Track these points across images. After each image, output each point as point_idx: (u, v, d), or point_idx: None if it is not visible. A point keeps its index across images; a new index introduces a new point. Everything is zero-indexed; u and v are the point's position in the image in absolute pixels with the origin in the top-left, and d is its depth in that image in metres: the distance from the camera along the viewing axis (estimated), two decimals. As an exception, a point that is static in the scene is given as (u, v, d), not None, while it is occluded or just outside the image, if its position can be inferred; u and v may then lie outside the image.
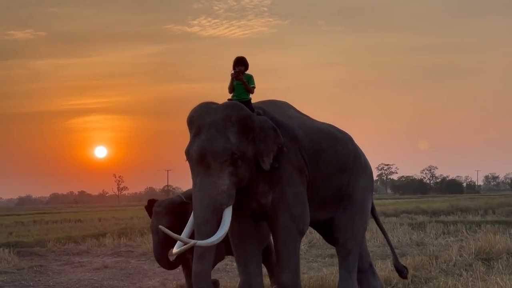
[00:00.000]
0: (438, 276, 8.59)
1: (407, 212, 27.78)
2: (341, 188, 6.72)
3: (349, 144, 6.97)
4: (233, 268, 10.71)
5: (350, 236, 6.81)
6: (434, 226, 17.22)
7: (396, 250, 12.85)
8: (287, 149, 6.05)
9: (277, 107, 6.55)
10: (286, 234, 6.06)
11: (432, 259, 9.75)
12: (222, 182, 5.69)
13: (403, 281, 8.16)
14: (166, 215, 7.20)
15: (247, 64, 6.23)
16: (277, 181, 6.02)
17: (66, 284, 9.80)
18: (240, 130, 5.82)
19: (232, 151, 5.70)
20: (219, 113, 5.85)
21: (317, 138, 6.48)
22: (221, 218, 5.71)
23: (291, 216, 6.04)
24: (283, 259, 6.10)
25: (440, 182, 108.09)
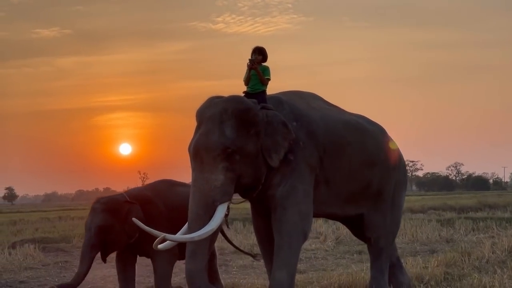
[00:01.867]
0: (471, 273, 8.35)
1: (434, 208, 27.46)
2: (372, 183, 6.49)
3: (381, 136, 6.72)
4: (259, 265, 10.53)
5: (382, 235, 6.67)
6: (463, 223, 16.93)
7: (426, 246, 12.81)
8: (303, 144, 5.88)
9: (300, 98, 6.34)
10: (293, 229, 5.80)
11: (464, 256, 9.51)
12: (216, 178, 5.51)
13: (436, 278, 7.99)
14: (102, 213, 6.72)
15: (265, 55, 6.04)
16: (289, 174, 5.82)
17: (91, 280, 9.66)
18: (238, 124, 5.61)
19: (225, 145, 5.51)
20: (218, 106, 5.69)
21: (342, 131, 6.26)
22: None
23: (300, 212, 5.82)
24: (284, 256, 5.78)
25: (466, 178, 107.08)
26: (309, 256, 11.51)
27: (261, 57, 5.99)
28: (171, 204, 6.89)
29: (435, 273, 8.17)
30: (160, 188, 7.09)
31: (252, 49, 6.02)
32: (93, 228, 6.62)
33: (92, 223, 6.66)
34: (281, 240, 5.79)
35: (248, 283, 8.17)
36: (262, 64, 6.00)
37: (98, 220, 6.64)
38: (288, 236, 5.77)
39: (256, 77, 5.92)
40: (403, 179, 6.97)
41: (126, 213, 6.65)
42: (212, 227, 5.46)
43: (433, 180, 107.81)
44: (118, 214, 6.69)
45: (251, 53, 5.99)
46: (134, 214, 6.54)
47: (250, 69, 5.92)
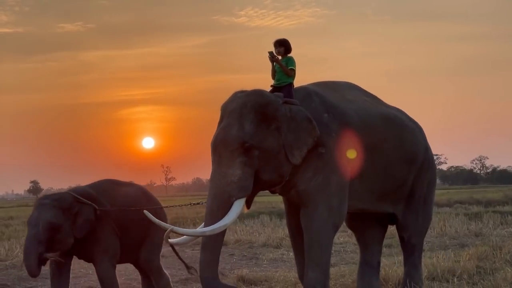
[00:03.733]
0: (503, 266, 8.33)
1: (461, 202, 27.33)
2: (407, 182, 6.41)
3: (419, 134, 6.62)
4: (290, 258, 10.60)
5: (414, 233, 6.67)
6: (491, 217, 16.88)
7: (455, 240, 12.79)
8: (336, 135, 5.73)
9: (333, 89, 6.18)
10: (322, 226, 5.68)
11: (496, 250, 9.49)
12: (233, 173, 5.36)
13: (468, 271, 7.97)
14: (53, 209, 6.33)
15: (288, 46, 5.87)
16: (322, 167, 5.66)
17: (124, 272, 9.77)
18: (258, 118, 5.47)
19: (243, 140, 5.38)
20: (239, 101, 5.59)
21: (379, 126, 6.11)
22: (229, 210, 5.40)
23: (329, 207, 5.68)
24: (314, 255, 5.68)
25: (491, 172, 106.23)
26: (339, 250, 11.54)
27: (283, 49, 5.85)
28: (116, 203, 6.64)
29: (467, 266, 8.17)
30: (105, 188, 6.83)
31: (273, 42, 5.91)
32: (41, 223, 6.24)
33: (40, 218, 6.27)
34: (311, 239, 5.69)
35: (281, 276, 8.21)
36: (287, 55, 5.86)
37: (48, 215, 6.28)
38: (318, 233, 5.67)
39: (280, 69, 5.78)
40: (434, 177, 6.92)
41: (76, 213, 6.40)
42: (225, 222, 5.33)
43: (458, 174, 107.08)
44: (68, 212, 6.38)
45: (273, 47, 5.88)
46: (85, 215, 6.40)
47: (272, 62, 5.82)
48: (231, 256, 11.51)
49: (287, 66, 5.74)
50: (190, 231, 5.63)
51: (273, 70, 5.82)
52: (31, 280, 8.95)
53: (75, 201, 6.44)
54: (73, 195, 6.51)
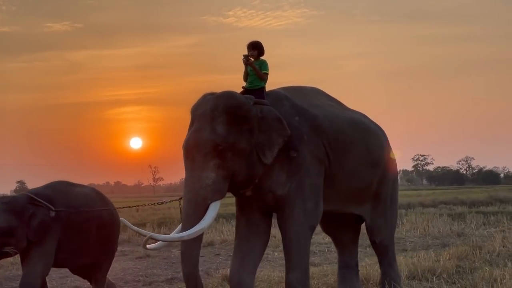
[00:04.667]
0: (482, 266, 8.53)
1: (445, 202, 27.59)
2: (372, 183, 6.47)
3: (382, 137, 6.71)
4: (274, 258, 10.77)
5: (385, 236, 6.78)
6: (474, 217, 17.12)
7: (437, 240, 13.01)
8: (308, 138, 5.75)
9: (303, 94, 6.20)
10: (299, 229, 5.74)
11: (476, 250, 9.70)
12: (207, 176, 5.35)
13: (448, 271, 8.16)
14: (5, 213, 6.05)
15: (261, 49, 5.87)
16: (295, 171, 5.68)
17: (111, 272, 9.77)
18: (229, 120, 5.45)
19: (215, 142, 5.36)
20: (209, 103, 5.55)
21: (347, 129, 6.17)
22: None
23: (305, 210, 5.72)
24: (294, 257, 5.75)
25: (477, 173, 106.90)
26: (323, 250, 11.70)
27: (256, 52, 5.83)
28: (71, 205, 6.42)
29: (447, 266, 8.35)
30: (60, 189, 6.57)
31: (247, 44, 5.87)
32: None
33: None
34: (289, 242, 5.76)
35: (265, 276, 8.35)
36: (259, 58, 5.83)
37: (0, 220, 6.01)
38: (295, 237, 5.73)
39: (253, 72, 5.75)
40: (396, 175, 7.03)
41: (30, 216, 6.13)
42: (202, 226, 5.32)
43: (444, 174, 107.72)
44: (22, 216, 6.10)
45: (247, 49, 5.84)
46: (39, 217, 6.16)
47: (246, 65, 5.76)
48: (217, 256, 11.66)
49: (260, 70, 5.74)
50: (169, 237, 5.58)
51: (246, 72, 5.80)
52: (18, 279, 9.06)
53: (28, 203, 6.19)
54: (27, 196, 6.28)
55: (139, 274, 9.65)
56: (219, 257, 11.47)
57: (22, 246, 6.12)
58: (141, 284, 8.87)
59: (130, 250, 13.03)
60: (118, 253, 12.71)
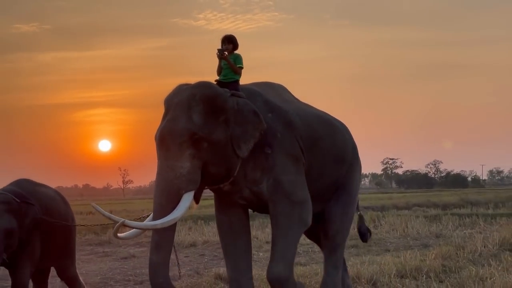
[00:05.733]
0: (467, 265, 8.72)
1: (419, 205, 27.92)
2: (338, 180, 6.32)
3: (346, 133, 6.56)
4: (261, 258, 10.86)
5: (340, 229, 6.41)
6: (449, 219, 17.40)
7: (417, 241, 13.23)
8: (281, 135, 5.62)
9: (273, 90, 6.10)
10: (288, 221, 5.57)
11: (459, 250, 9.90)
12: (181, 165, 5.20)
13: (434, 269, 8.33)
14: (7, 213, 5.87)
15: (236, 43, 5.77)
16: (269, 169, 5.54)
17: (99, 272, 9.97)
18: (207, 110, 5.33)
19: (192, 131, 5.22)
20: (185, 92, 5.41)
21: (315, 126, 6.02)
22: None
23: (291, 202, 5.57)
24: (280, 248, 5.58)
25: (445, 176, 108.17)
26: (307, 250, 11.82)
27: (231, 46, 5.73)
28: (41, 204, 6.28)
29: (434, 265, 8.53)
30: (27, 187, 6.38)
31: (221, 38, 5.78)
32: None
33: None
34: (276, 232, 5.63)
35: (256, 274, 8.41)
36: (234, 52, 5.74)
37: (4, 222, 5.80)
38: (284, 227, 5.58)
39: (228, 66, 5.65)
40: (360, 175, 6.88)
41: (23, 213, 5.99)
42: (175, 215, 5.16)
43: (413, 178, 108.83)
44: (17, 214, 5.94)
45: (221, 43, 5.75)
46: (30, 215, 6.04)
47: (220, 59, 5.68)
48: (202, 256, 11.75)
49: (235, 64, 5.65)
50: (142, 224, 5.38)
51: (220, 66, 5.71)
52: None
53: (22, 202, 6.02)
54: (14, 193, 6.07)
55: (128, 273, 9.72)
56: (205, 257, 11.56)
57: (14, 245, 5.93)
58: (132, 283, 8.95)
59: (113, 251, 13.08)
60: (101, 253, 12.85)
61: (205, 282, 8.14)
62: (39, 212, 6.15)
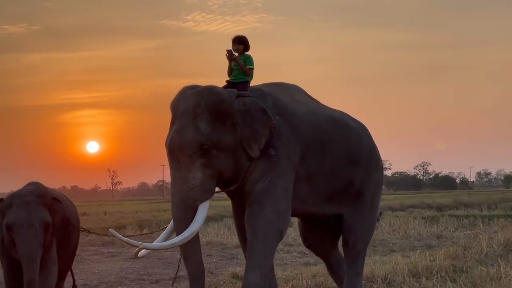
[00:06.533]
0: (475, 265, 8.89)
1: (413, 206, 28.15)
2: (353, 183, 6.24)
3: (364, 135, 6.48)
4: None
5: (360, 237, 6.43)
6: (447, 220, 17.58)
7: (420, 242, 13.41)
8: (286, 139, 5.61)
9: (284, 90, 6.06)
10: (269, 228, 5.45)
11: (466, 250, 10.07)
12: (194, 176, 5.24)
13: (445, 269, 8.47)
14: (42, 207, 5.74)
15: (247, 44, 5.75)
16: (270, 170, 5.51)
17: (111, 271, 10.06)
18: (212, 117, 5.32)
19: (200, 142, 5.22)
20: (190, 100, 5.39)
21: (327, 127, 5.99)
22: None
23: (277, 211, 5.49)
24: (257, 256, 5.44)
25: (434, 178, 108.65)
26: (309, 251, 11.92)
27: (242, 47, 5.71)
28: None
29: (444, 265, 8.69)
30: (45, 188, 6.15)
31: (232, 38, 5.74)
32: (37, 223, 5.63)
33: (34, 217, 5.64)
34: (255, 240, 5.46)
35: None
36: (244, 53, 5.71)
37: (42, 214, 5.69)
38: (263, 235, 5.45)
39: (238, 67, 5.62)
40: (381, 180, 6.77)
41: (54, 211, 5.88)
42: (194, 228, 5.21)
43: (402, 179, 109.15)
44: (50, 211, 5.82)
45: (232, 43, 5.72)
46: (60, 213, 5.98)
47: (229, 60, 5.66)
48: (209, 256, 11.84)
49: (245, 65, 5.62)
50: (161, 245, 5.46)
51: (230, 67, 5.69)
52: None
53: (52, 198, 5.91)
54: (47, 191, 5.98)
55: (140, 273, 9.81)
56: (212, 257, 11.65)
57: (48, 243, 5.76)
58: (147, 282, 9.05)
59: (118, 252, 13.15)
60: (106, 254, 12.92)
61: (222, 281, 8.26)
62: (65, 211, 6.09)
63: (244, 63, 5.63)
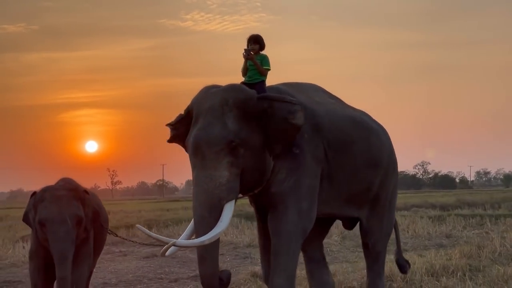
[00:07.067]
0: (491, 264, 8.94)
1: (417, 206, 28.16)
2: (372, 186, 6.20)
3: (384, 137, 6.45)
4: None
5: (379, 239, 6.48)
6: (455, 219, 17.61)
7: (430, 241, 13.44)
8: (308, 137, 5.53)
9: (303, 90, 5.97)
10: (292, 231, 5.41)
11: (481, 249, 10.12)
12: (220, 174, 5.08)
13: (462, 268, 8.50)
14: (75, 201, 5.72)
15: (262, 43, 5.63)
16: (295, 169, 5.42)
17: (127, 270, 10.10)
18: (241, 115, 5.19)
19: (229, 139, 5.08)
20: (217, 97, 5.25)
21: (347, 128, 5.91)
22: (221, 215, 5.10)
23: (300, 211, 5.42)
24: (282, 260, 5.38)
25: (433, 177, 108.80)
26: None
27: (257, 46, 5.59)
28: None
29: (460, 264, 8.73)
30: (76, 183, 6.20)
31: (247, 38, 5.62)
32: (69, 218, 5.58)
33: (66, 212, 5.59)
34: (279, 243, 5.42)
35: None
36: (259, 53, 5.60)
37: (74, 209, 5.65)
38: (287, 238, 5.40)
39: (254, 67, 5.52)
40: (397, 182, 6.79)
41: (86, 205, 5.84)
42: (222, 228, 5.06)
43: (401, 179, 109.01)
44: (82, 204, 5.78)
45: (247, 42, 5.60)
46: (91, 206, 5.93)
47: (246, 59, 5.51)
48: (222, 255, 11.88)
49: (261, 65, 5.52)
50: (191, 242, 5.23)
51: (245, 67, 5.56)
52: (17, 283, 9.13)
53: (84, 191, 5.90)
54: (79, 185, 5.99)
55: (157, 272, 9.87)
56: (225, 256, 11.70)
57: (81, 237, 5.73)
58: (166, 281, 9.10)
59: (129, 251, 13.18)
60: (118, 253, 12.94)
61: (242, 279, 8.31)
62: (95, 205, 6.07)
63: (260, 63, 5.53)
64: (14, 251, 12.44)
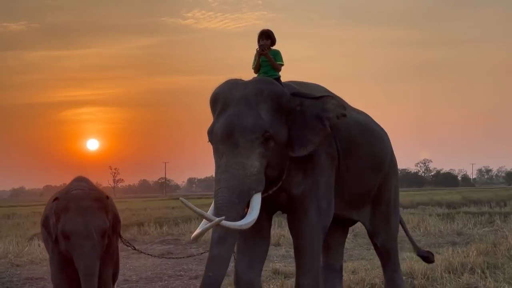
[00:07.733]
0: (507, 262, 9.00)
1: (423, 204, 28.26)
2: (374, 188, 6.20)
3: (386, 140, 6.43)
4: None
5: (387, 238, 6.49)
6: (465, 217, 17.68)
7: (443, 239, 13.49)
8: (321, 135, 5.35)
9: (311, 90, 5.72)
10: (314, 232, 5.40)
11: (496, 247, 10.18)
12: (252, 164, 4.90)
13: (480, 265, 8.53)
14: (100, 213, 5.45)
15: (274, 39, 5.49)
16: (311, 170, 5.35)
17: (145, 268, 10.15)
18: (274, 108, 5.06)
19: (264, 128, 4.93)
20: (250, 87, 5.11)
21: (353, 131, 5.82)
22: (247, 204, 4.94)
23: (319, 210, 5.38)
24: (307, 261, 5.40)
25: (435, 175, 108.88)
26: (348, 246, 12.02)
27: (269, 41, 5.46)
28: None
29: (478, 261, 8.78)
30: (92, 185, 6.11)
31: (259, 33, 5.47)
32: (95, 232, 5.33)
33: (92, 226, 5.34)
34: (302, 244, 5.42)
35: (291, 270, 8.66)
36: (272, 48, 5.47)
37: (100, 222, 5.40)
38: (309, 238, 5.39)
39: (267, 63, 5.41)
40: (398, 180, 6.78)
41: (108, 211, 5.58)
42: (253, 217, 4.85)
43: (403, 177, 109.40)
44: (107, 213, 5.55)
45: (258, 38, 5.46)
46: (112, 211, 5.69)
47: (260, 55, 5.40)
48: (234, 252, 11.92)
49: (275, 60, 5.40)
50: (233, 224, 4.77)
51: (258, 63, 5.44)
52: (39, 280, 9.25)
53: (106, 197, 5.64)
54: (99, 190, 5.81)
55: (176, 269, 9.92)
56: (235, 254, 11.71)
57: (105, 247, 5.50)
58: (186, 278, 9.17)
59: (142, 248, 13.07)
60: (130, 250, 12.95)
61: (263, 276, 8.33)
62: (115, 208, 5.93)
63: (274, 58, 5.42)
64: (30, 248, 12.50)
